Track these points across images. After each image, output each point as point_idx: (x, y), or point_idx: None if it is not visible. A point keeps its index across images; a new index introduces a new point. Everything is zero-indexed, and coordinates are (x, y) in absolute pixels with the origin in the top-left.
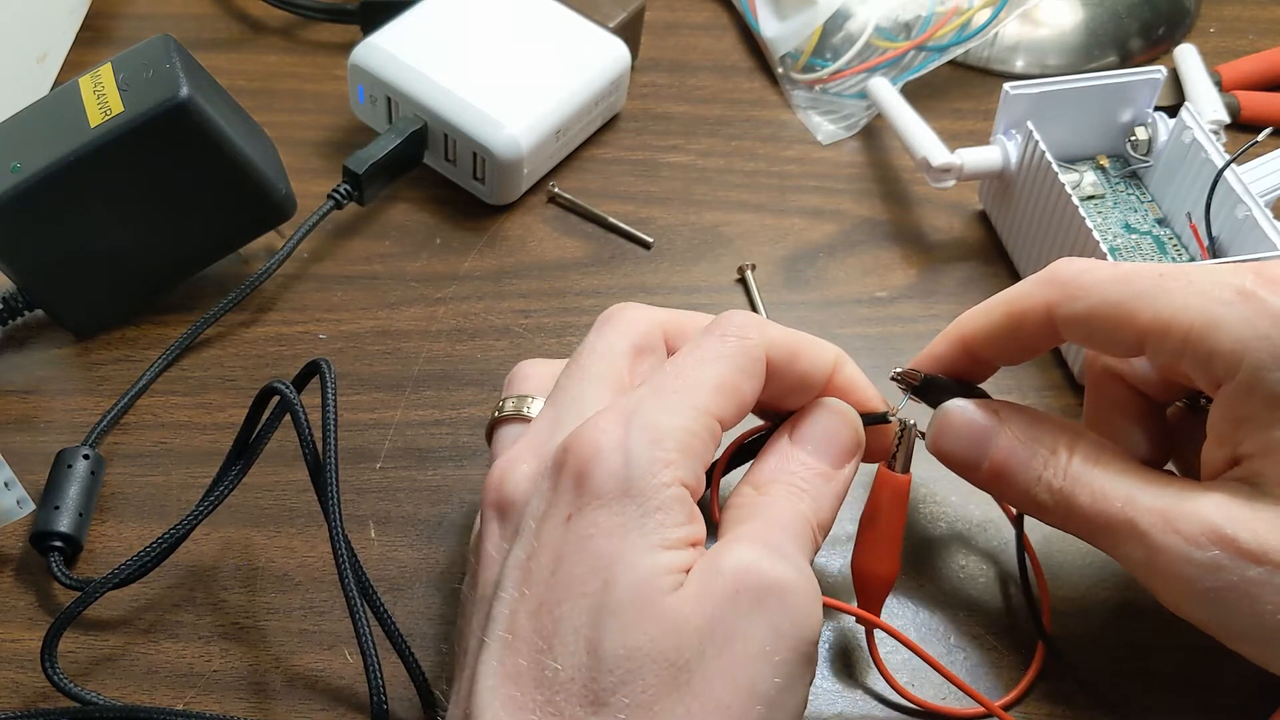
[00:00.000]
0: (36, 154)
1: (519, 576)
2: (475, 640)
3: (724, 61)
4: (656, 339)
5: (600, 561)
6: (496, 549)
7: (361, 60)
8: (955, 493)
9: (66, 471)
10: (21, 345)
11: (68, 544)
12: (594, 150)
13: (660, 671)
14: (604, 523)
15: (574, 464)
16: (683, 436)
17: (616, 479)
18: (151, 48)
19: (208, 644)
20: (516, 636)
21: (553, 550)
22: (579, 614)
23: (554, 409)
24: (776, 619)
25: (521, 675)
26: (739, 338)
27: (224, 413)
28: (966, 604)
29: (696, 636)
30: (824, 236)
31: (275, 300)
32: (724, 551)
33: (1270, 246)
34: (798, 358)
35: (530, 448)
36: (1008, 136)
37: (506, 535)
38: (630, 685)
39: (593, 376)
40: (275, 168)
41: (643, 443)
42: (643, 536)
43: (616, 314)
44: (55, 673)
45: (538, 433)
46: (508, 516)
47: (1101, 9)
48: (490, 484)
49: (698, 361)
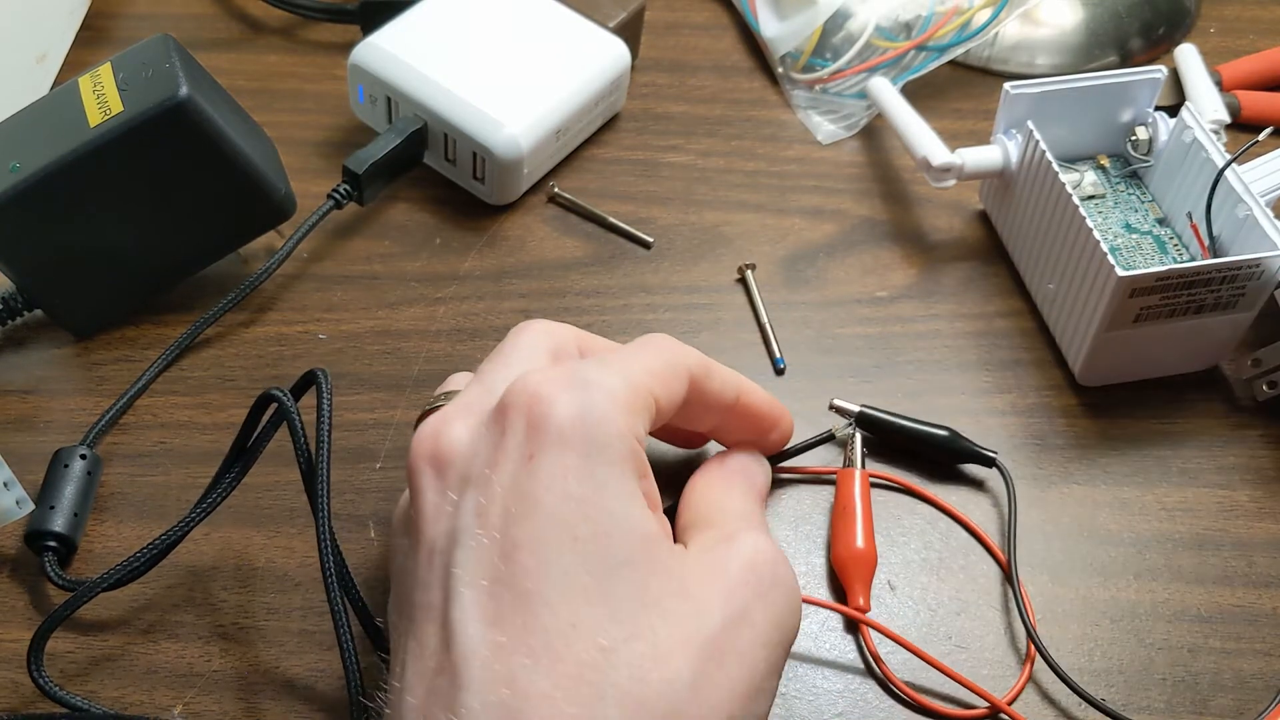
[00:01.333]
0: (36, 154)
1: (479, 522)
2: (437, 594)
3: (724, 61)
4: (573, 348)
5: (586, 509)
6: (440, 500)
7: (361, 60)
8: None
9: (63, 471)
10: (21, 345)
11: (62, 544)
12: (594, 150)
13: (674, 629)
14: (573, 465)
15: (523, 407)
16: (628, 394)
17: (574, 422)
18: (151, 47)
19: (207, 644)
20: (496, 582)
21: (518, 491)
22: (569, 559)
23: (481, 381)
24: (780, 612)
25: (505, 620)
26: (658, 349)
27: (224, 413)
28: (955, 606)
29: (715, 608)
30: (824, 236)
31: (275, 300)
32: (738, 535)
33: (1271, 246)
34: (711, 376)
35: (461, 407)
36: (1008, 136)
37: (450, 487)
38: (641, 638)
39: (516, 362)
40: (275, 168)
41: (593, 396)
42: (621, 486)
43: (531, 324)
44: (41, 676)
45: (466, 396)
46: (448, 468)
47: (1102, 9)
48: (422, 440)
49: (631, 352)
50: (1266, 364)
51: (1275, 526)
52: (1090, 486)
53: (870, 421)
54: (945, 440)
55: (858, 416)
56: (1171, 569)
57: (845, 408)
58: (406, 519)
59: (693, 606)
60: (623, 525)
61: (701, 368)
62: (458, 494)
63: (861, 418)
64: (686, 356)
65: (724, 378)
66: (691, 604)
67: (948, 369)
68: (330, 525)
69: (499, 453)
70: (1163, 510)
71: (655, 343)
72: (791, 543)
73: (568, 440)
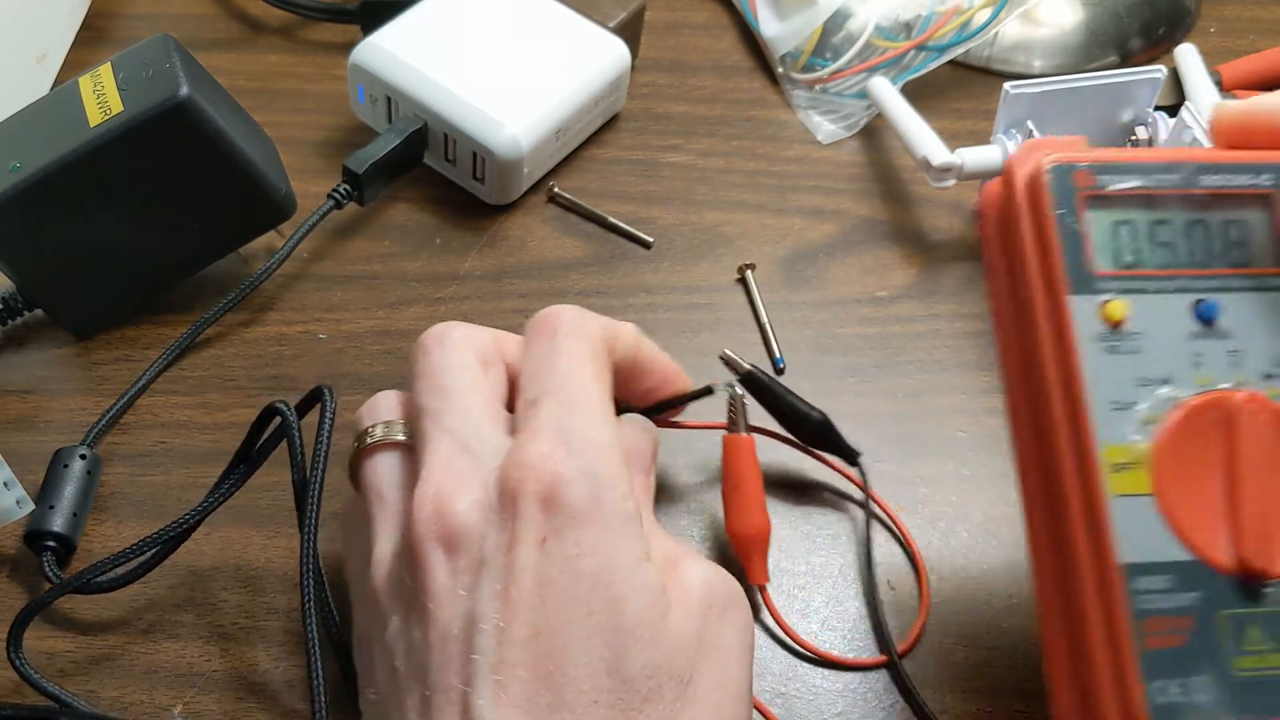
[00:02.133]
0: (36, 154)
1: (498, 607)
2: (455, 678)
3: (724, 61)
4: (494, 353)
5: (599, 580)
6: (453, 583)
7: (361, 60)
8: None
9: (63, 471)
10: (21, 345)
11: (61, 544)
12: (594, 150)
13: (676, 686)
14: (587, 542)
15: (534, 488)
16: (615, 448)
17: (585, 498)
18: (151, 47)
19: (207, 644)
20: (518, 666)
21: (535, 575)
22: (588, 635)
23: (448, 433)
24: (740, 624)
25: (530, 703)
26: (582, 335)
27: (224, 412)
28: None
29: (694, 650)
30: (824, 236)
31: (275, 300)
32: (681, 568)
33: None
34: (616, 340)
35: (455, 473)
36: (1008, 136)
37: (463, 568)
38: (654, 702)
39: (463, 390)
40: (275, 167)
41: (594, 459)
42: (629, 552)
43: (446, 336)
44: (19, 659)
45: (452, 460)
46: (459, 548)
47: (1101, 9)
48: (425, 520)
49: (569, 365)
50: None
51: None
52: None
53: (756, 384)
54: (818, 424)
55: (745, 376)
56: None
57: (736, 362)
58: (400, 591)
59: (684, 657)
60: (633, 588)
61: (610, 332)
62: (471, 576)
63: (749, 378)
64: (600, 336)
65: (626, 334)
66: (683, 654)
67: (948, 369)
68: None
69: (514, 536)
70: None
71: (575, 335)
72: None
73: (581, 518)
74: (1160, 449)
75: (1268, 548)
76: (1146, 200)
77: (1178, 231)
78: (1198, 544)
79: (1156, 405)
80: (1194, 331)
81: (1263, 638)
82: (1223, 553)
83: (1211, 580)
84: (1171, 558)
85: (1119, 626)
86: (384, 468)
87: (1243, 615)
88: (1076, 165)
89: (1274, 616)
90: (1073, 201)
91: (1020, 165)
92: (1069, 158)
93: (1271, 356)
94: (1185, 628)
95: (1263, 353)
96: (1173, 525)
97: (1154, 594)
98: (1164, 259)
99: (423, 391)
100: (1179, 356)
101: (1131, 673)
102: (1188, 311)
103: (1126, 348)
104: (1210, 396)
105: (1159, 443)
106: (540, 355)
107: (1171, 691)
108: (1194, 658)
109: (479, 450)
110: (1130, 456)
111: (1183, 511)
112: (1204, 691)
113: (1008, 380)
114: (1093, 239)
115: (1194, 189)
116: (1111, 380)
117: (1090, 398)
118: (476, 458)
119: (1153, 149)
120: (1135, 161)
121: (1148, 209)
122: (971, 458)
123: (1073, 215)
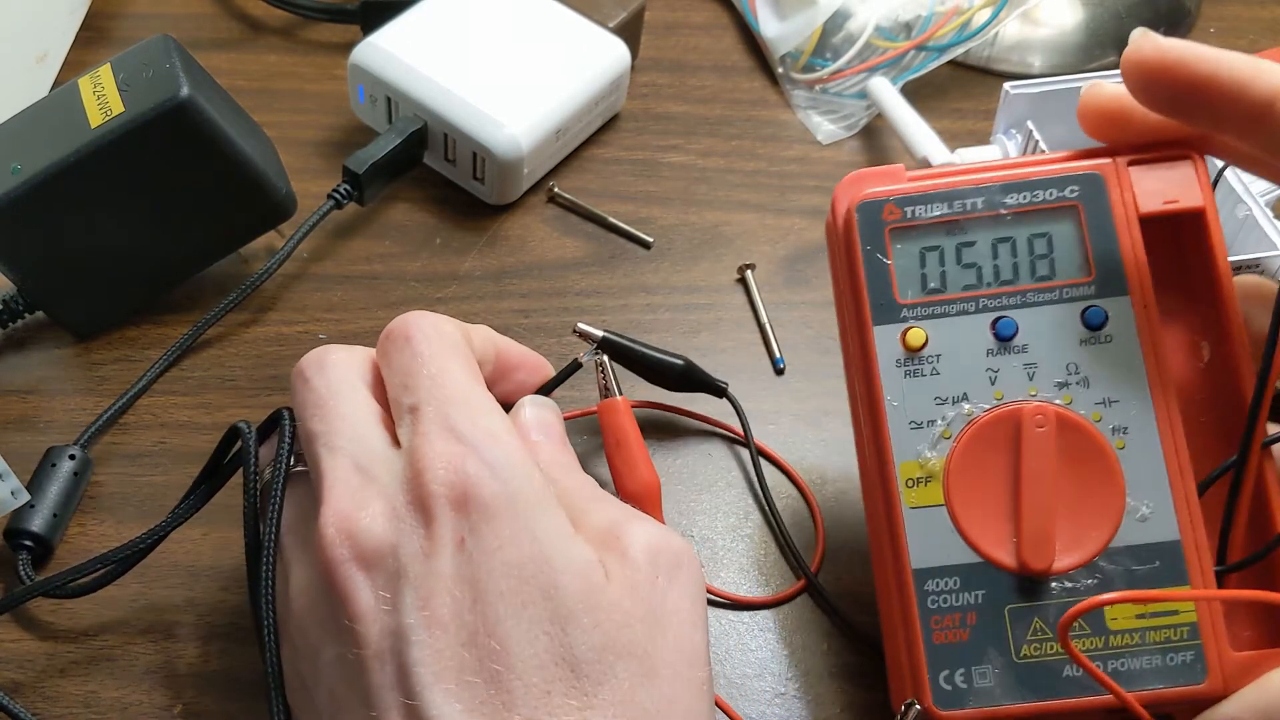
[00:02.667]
0: (36, 155)
1: (426, 618)
2: (396, 694)
3: (724, 61)
4: (374, 371)
5: (526, 570)
6: (374, 600)
7: (361, 60)
8: None
9: (50, 470)
10: (22, 345)
11: (38, 544)
12: (594, 150)
13: (630, 664)
14: (506, 533)
15: (443, 492)
16: (511, 434)
17: (495, 490)
18: (151, 48)
19: (207, 644)
20: (464, 671)
21: (459, 579)
22: (528, 628)
23: (340, 453)
24: (690, 585)
25: (485, 705)
26: (439, 335)
27: (224, 413)
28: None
29: (644, 625)
30: (824, 236)
31: (275, 300)
32: (623, 533)
33: (1270, 246)
34: (473, 337)
35: (354, 493)
36: (1008, 136)
37: (381, 584)
38: (609, 683)
39: (349, 411)
40: (275, 168)
41: (493, 449)
42: (551, 532)
43: (323, 356)
44: None
45: (349, 479)
46: (374, 564)
47: (1101, 9)
48: (333, 542)
49: (438, 367)
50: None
51: None
52: None
53: (613, 347)
54: (681, 369)
55: (601, 341)
56: None
57: (589, 332)
58: (325, 619)
59: (633, 633)
60: (563, 570)
61: (464, 333)
62: (391, 591)
63: (605, 343)
64: (457, 334)
65: (479, 332)
66: (632, 630)
67: None
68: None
69: (430, 543)
70: None
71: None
72: None
73: (496, 512)
74: (953, 463)
75: (1045, 548)
76: (952, 226)
77: (984, 252)
78: (984, 547)
79: (954, 422)
80: (992, 348)
81: (1044, 628)
82: (1007, 554)
83: (997, 579)
84: (959, 561)
85: (912, 622)
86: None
87: (1026, 609)
88: (883, 200)
89: (1055, 608)
90: (880, 236)
91: (840, 201)
92: (877, 194)
93: (1064, 365)
94: (971, 622)
95: (1057, 363)
96: (962, 531)
97: (943, 594)
98: (968, 281)
99: (309, 419)
100: (977, 374)
101: (921, 663)
102: (988, 330)
103: (926, 370)
104: (1000, 411)
105: (952, 457)
106: (405, 364)
107: (956, 679)
108: (979, 648)
109: (374, 467)
110: (925, 472)
111: (972, 518)
112: (988, 678)
113: (850, 397)
114: (898, 270)
115: (999, 210)
116: (911, 402)
117: (890, 419)
118: (373, 474)
119: (965, 168)
120: (942, 190)
121: (954, 234)
122: None
123: (881, 249)
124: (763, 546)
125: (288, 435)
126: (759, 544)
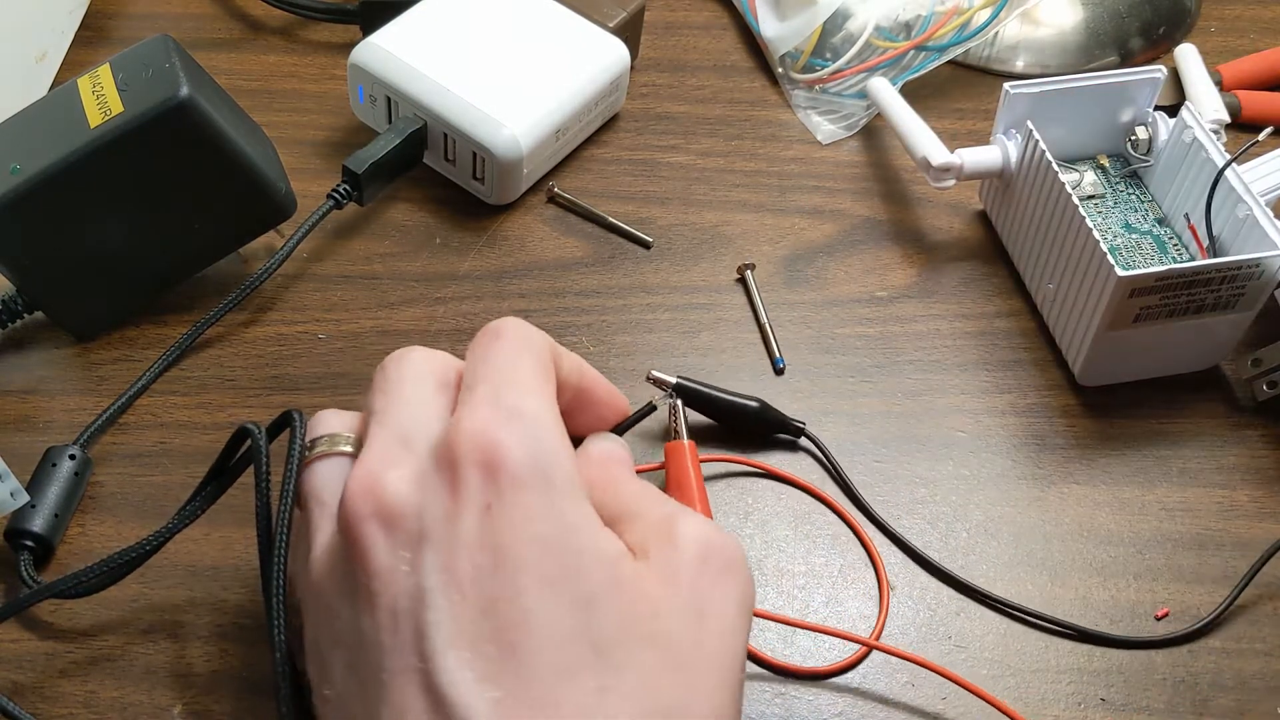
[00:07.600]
0: (36, 155)
1: (446, 581)
2: (411, 658)
3: (724, 61)
4: (452, 374)
5: (553, 548)
6: (393, 560)
7: (361, 60)
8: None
9: (50, 471)
10: (21, 346)
11: (39, 544)
12: (594, 150)
13: (656, 653)
14: (535, 507)
15: (474, 456)
16: (553, 413)
17: (527, 463)
18: (151, 47)
19: (207, 644)
20: (480, 639)
21: (484, 544)
22: (548, 603)
23: (389, 427)
24: (737, 591)
25: (498, 675)
26: (523, 337)
27: (224, 413)
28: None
29: (679, 618)
30: (824, 236)
31: (275, 300)
32: (674, 525)
33: (1271, 246)
34: (560, 358)
35: (389, 456)
36: (1008, 136)
37: (402, 543)
38: (630, 669)
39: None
40: (275, 167)
41: (533, 426)
42: (579, 512)
43: (406, 353)
44: None
45: (386, 442)
46: (396, 523)
47: (1101, 9)
48: (357, 497)
49: (508, 357)
50: (1266, 364)
51: (1276, 526)
52: (1090, 486)
53: (686, 392)
54: (755, 410)
55: (675, 387)
56: (1172, 569)
57: (663, 379)
58: (343, 579)
59: (666, 623)
60: (590, 555)
61: (554, 350)
62: (412, 551)
63: (679, 388)
64: (544, 343)
65: (570, 359)
66: (664, 621)
67: (947, 369)
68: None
69: (456, 505)
70: (1163, 510)
71: (515, 339)
72: None
73: (525, 483)
74: None
75: None
76: None
77: None
78: None
79: None
80: None
81: None
82: None
83: None
84: None
85: None
86: (324, 474)
87: None
88: None
89: None
90: None
91: None
92: None
93: None
94: None
95: None
96: None
97: None
98: None
99: (374, 400)
100: None
101: None
102: None
103: None
104: None
105: None
106: (483, 353)
107: None
108: None
109: (417, 438)
110: None
111: None
112: None
113: None
114: None
115: None
116: None
117: None
118: (413, 443)
119: None
120: None
121: None
122: (971, 458)
123: None
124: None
125: (299, 435)
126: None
